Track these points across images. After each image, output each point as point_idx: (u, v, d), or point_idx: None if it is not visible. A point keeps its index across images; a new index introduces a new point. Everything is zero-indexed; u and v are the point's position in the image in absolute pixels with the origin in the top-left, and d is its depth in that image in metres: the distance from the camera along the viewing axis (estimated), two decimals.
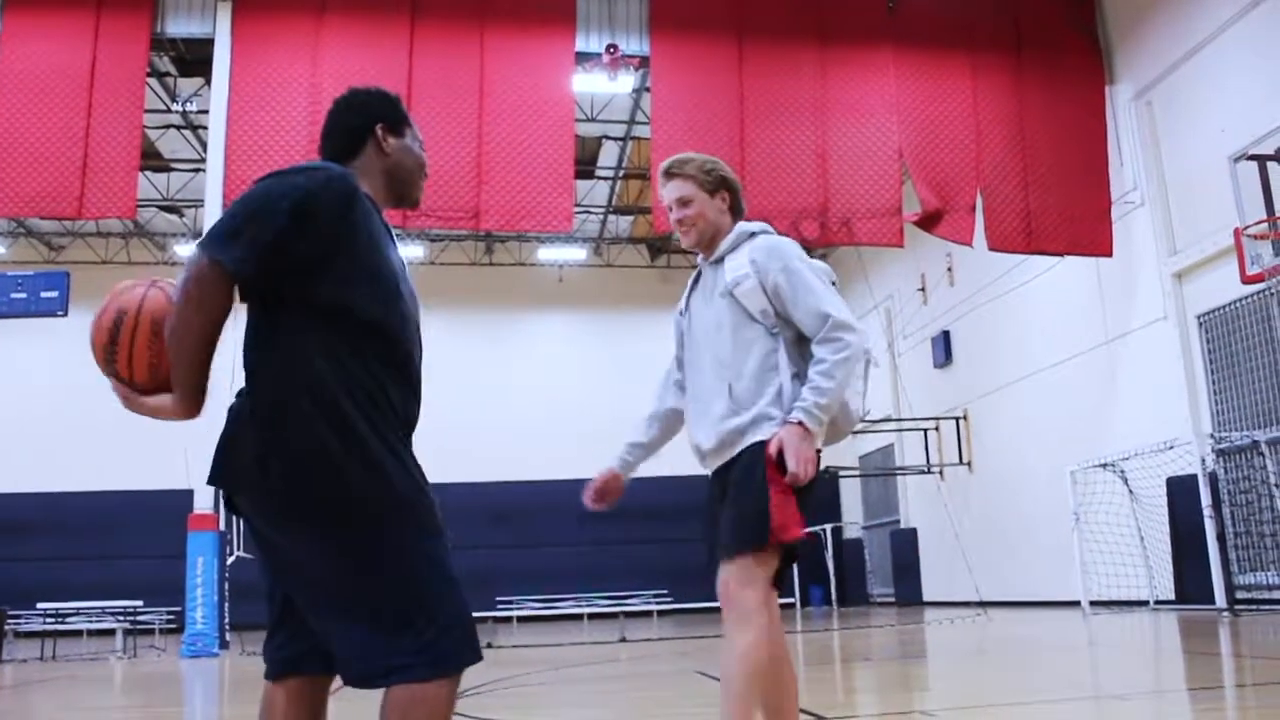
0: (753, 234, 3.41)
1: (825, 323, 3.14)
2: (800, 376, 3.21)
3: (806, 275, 3.23)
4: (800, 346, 3.24)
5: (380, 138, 2.68)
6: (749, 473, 3.11)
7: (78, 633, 18.52)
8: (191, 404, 2.34)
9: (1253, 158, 12.39)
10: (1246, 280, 12.51)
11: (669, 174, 3.46)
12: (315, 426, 2.28)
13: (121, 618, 16.37)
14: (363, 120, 2.69)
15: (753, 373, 3.22)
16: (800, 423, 3.06)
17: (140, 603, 17.38)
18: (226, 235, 2.28)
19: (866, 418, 3.42)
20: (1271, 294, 13.26)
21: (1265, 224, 12.11)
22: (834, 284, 3.41)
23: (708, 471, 3.40)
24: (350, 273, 2.39)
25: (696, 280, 3.55)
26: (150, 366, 2.40)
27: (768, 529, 3.02)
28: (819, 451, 3.19)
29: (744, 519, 3.07)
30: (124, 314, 2.43)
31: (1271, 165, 12.28)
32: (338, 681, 2.41)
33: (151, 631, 17.75)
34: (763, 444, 3.12)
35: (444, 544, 2.42)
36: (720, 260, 3.41)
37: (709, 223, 3.42)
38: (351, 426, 2.31)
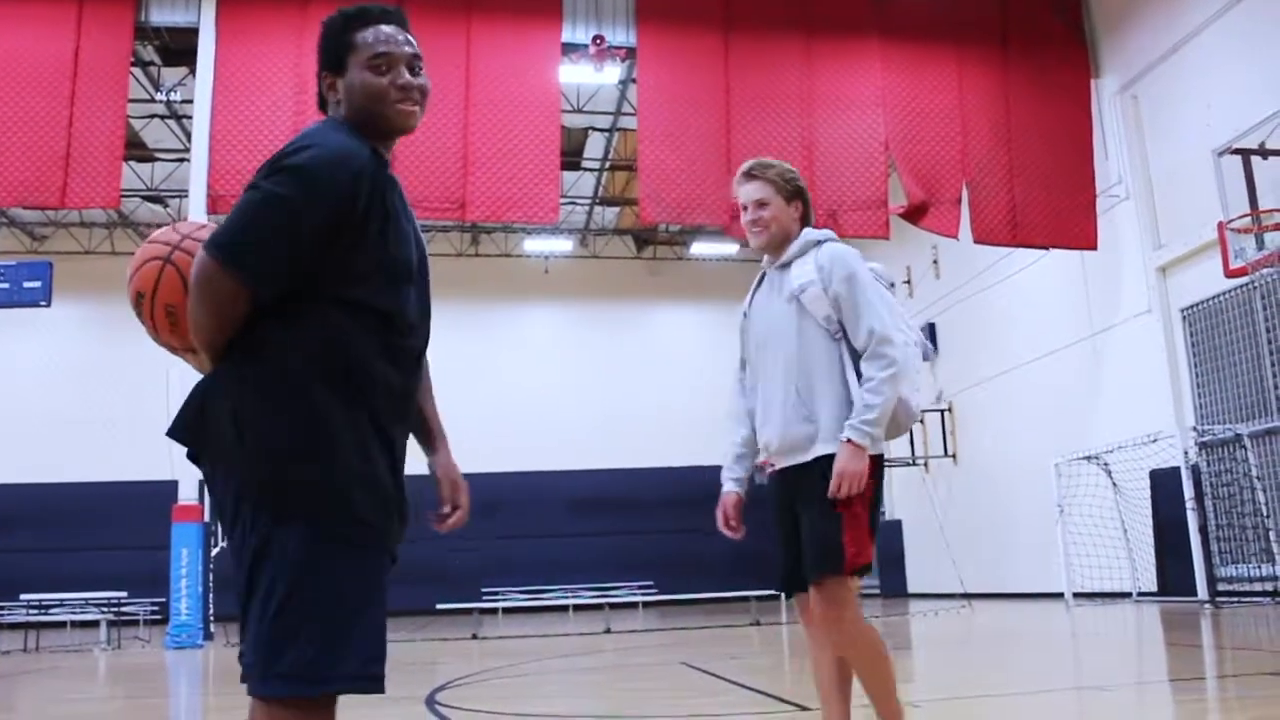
0: (819, 242, 3.56)
1: (870, 338, 3.33)
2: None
3: (866, 287, 3.41)
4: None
5: (327, 90, 2.39)
6: (823, 494, 3.30)
7: (61, 624, 18.42)
8: (212, 364, 2.21)
9: (1236, 151, 12.44)
10: (1230, 274, 12.57)
11: (750, 175, 3.58)
12: (316, 399, 2.14)
13: (105, 609, 16.30)
14: (320, 71, 2.41)
15: (819, 378, 3.40)
16: (850, 440, 3.28)
17: (124, 594, 17.30)
18: (242, 243, 2.12)
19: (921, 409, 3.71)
20: (1255, 287, 13.32)
21: (1249, 218, 12.16)
22: (891, 285, 3.69)
23: (773, 464, 3.59)
24: (363, 268, 2.21)
25: (760, 283, 3.71)
26: (172, 346, 2.32)
27: (844, 559, 3.29)
28: (880, 456, 3.42)
29: (825, 548, 3.33)
30: (141, 295, 2.31)
31: (1255, 159, 12.33)
32: None
33: (136, 623, 17.67)
34: (833, 459, 3.33)
35: (386, 566, 2.26)
36: (787, 265, 3.56)
37: (781, 227, 3.56)
38: (352, 408, 2.18)
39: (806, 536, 3.37)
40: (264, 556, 2.12)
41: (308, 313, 2.19)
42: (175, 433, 2.24)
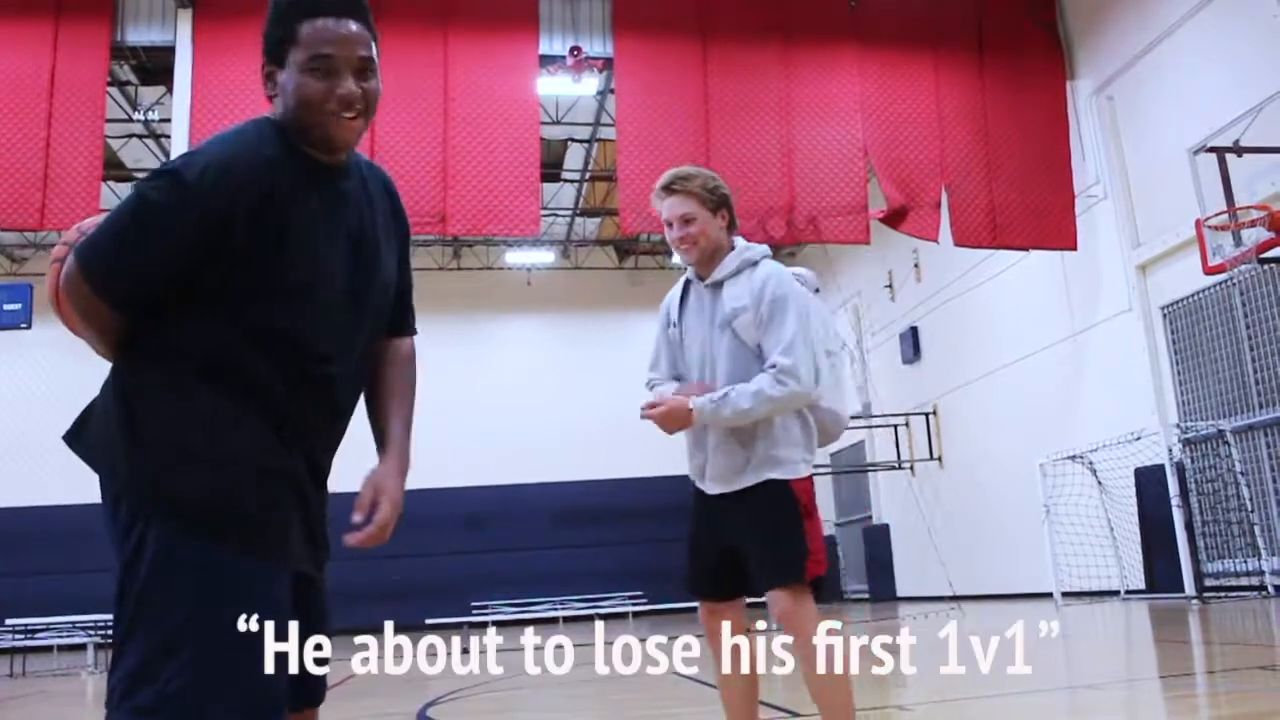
0: (755, 262, 3.45)
1: (777, 365, 3.25)
2: (801, 411, 3.41)
3: (791, 314, 3.30)
4: None
5: (264, 80, 2.15)
6: (775, 511, 3.32)
7: (48, 648, 18.29)
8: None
9: (1212, 150, 12.52)
10: (1209, 271, 12.65)
11: (671, 189, 3.43)
12: (204, 399, 1.98)
13: (92, 632, 16.20)
14: (262, 52, 2.16)
15: None
16: (690, 409, 3.27)
17: (111, 616, 17.18)
18: (101, 253, 1.98)
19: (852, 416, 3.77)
20: (1233, 284, 13.42)
21: (1225, 215, 12.24)
22: (816, 290, 3.73)
23: (702, 489, 3.53)
24: (254, 285, 2.02)
25: (685, 292, 3.56)
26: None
27: (805, 567, 3.30)
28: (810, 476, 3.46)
29: (785, 557, 3.31)
30: (53, 302, 2.23)
31: (1230, 157, 12.41)
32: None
33: None
34: (778, 483, 3.33)
35: (268, 572, 1.96)
36: (719, 285, 3.44)
37: (710, 241, 3.44)
38: (245, 411, 2.00)
39: (761, 546, 3.34)
40: (137, 563, 1.93)
41: (199, 320, 2.01)
42: (67, 438, 2.16)
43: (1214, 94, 13.36)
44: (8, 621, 17.39)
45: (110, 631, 12.73)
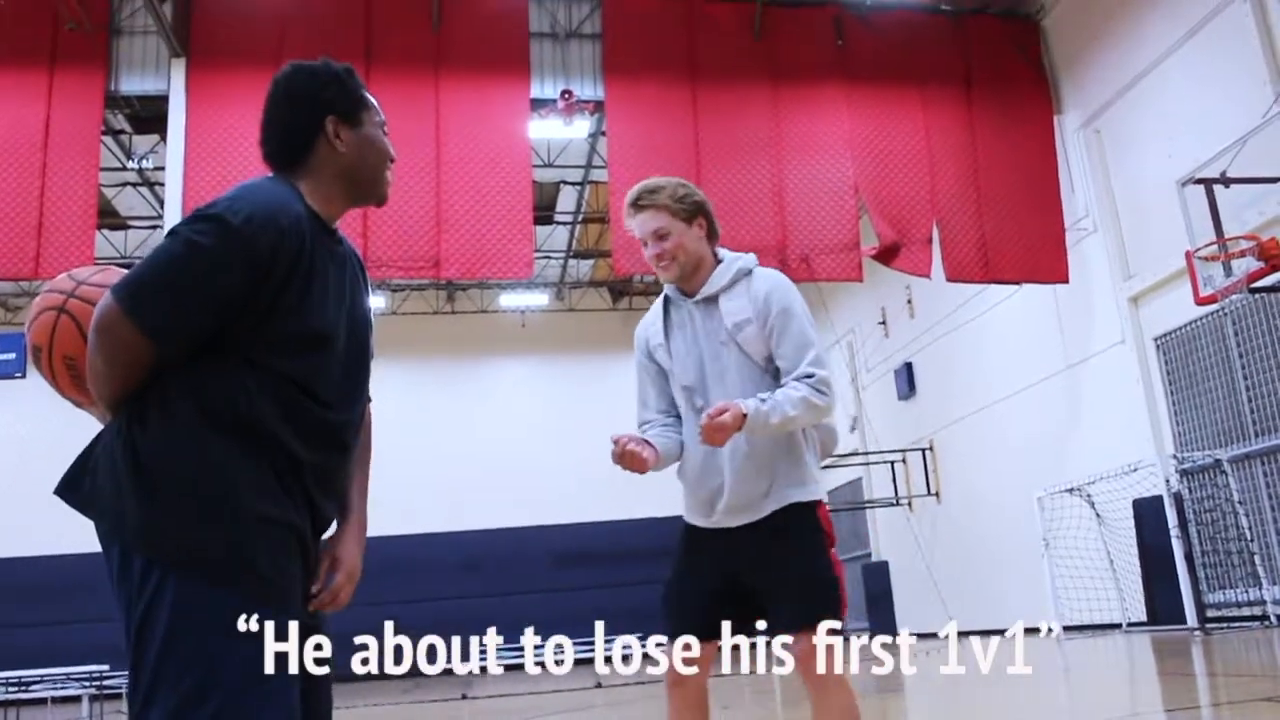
0: (749, 270, 3.22)
1: (813, 374, 3.04)
2: (806, 429, 3.18)
3: (805, 320, 3.12)
4: None
5: (331, 135, 2.27)
6: (804, 539, 3.07)
7: (42, 701, 18.09)
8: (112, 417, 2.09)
9: (1199, 181, 12.60)
10: (1200, 301, 12.68)
11: (638, 205, 3.18)
12: (211, 447, 2.00)
13: (87, 683, 16.03)
14: (310, 117, 2.26)
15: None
16: (744, 413, 2.92)
17: (106, 667, 17.03)
18: (148, 291, 1.98)
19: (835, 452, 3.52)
20: (1225, 314, 13.45)
21: (1215, 246, 12.30)
22: None
23: (706, 524, 3.21)
24: (277, 333, 2.08)
25: (667, 311, 3.30)
26: (77, 401, 2.25)
27: (840, 601, 3.02)
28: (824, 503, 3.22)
29: (816, 591, 3.02)
30: (39, 349, 2.24)
31: (1218, 188, 12.48)
32: None
33: (119, 696, 17.35)
34: (804, 506, 3.09)
35: (283, 619, 1.98)
36: (712, 299, 3.19)
37: (690, 254, 3.17)
38: (253, 461, 2.03)
39: (793, 578, 3.02)
40: (155, 614, 1.93)
41: (211, 369, 2.04)
42: (61, 491, 2.12)
43: (1200, 125, 13.46)
44: (0, 674, 17.20)
45: (105, 682, 12.60)
